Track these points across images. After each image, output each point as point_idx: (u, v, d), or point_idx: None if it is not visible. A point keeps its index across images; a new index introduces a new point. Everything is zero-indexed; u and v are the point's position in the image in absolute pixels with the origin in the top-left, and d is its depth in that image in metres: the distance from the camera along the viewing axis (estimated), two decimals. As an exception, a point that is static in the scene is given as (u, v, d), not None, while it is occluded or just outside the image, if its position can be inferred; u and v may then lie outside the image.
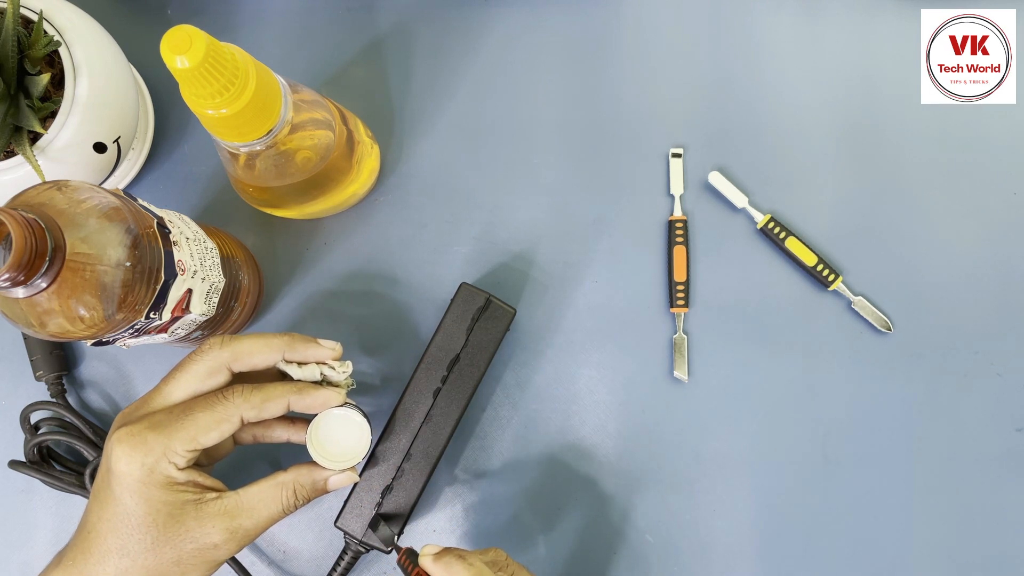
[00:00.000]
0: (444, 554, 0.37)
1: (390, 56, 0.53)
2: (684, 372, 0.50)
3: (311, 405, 0.39)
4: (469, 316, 0.45)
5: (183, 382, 0.37)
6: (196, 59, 0.32)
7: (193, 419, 0.36)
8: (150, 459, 0.35)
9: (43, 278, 0.33)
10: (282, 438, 0.43)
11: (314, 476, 0.39)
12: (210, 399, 0.37)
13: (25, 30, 0.40)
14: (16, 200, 0.35)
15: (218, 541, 0.36)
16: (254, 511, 0.37)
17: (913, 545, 0.49)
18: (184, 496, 0.36)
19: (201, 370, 0.37)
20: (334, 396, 0.39)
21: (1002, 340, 0.50)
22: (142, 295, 0.36)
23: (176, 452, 0.35)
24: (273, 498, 0.38)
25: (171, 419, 0.36)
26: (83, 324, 0.35)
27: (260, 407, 0.37)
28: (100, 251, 0.34)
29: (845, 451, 0.50)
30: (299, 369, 0.39)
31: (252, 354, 0.38)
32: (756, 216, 0.51)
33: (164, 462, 0.35)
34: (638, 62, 0.53)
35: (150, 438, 0.35)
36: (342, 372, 0.40)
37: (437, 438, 0.44)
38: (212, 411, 0.36)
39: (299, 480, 0.39)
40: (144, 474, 0.35)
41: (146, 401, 0.37)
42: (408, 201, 0.52)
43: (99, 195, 0.36)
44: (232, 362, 0.38)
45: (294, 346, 0.39)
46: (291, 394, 0.38)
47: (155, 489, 0.35)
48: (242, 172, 0.42)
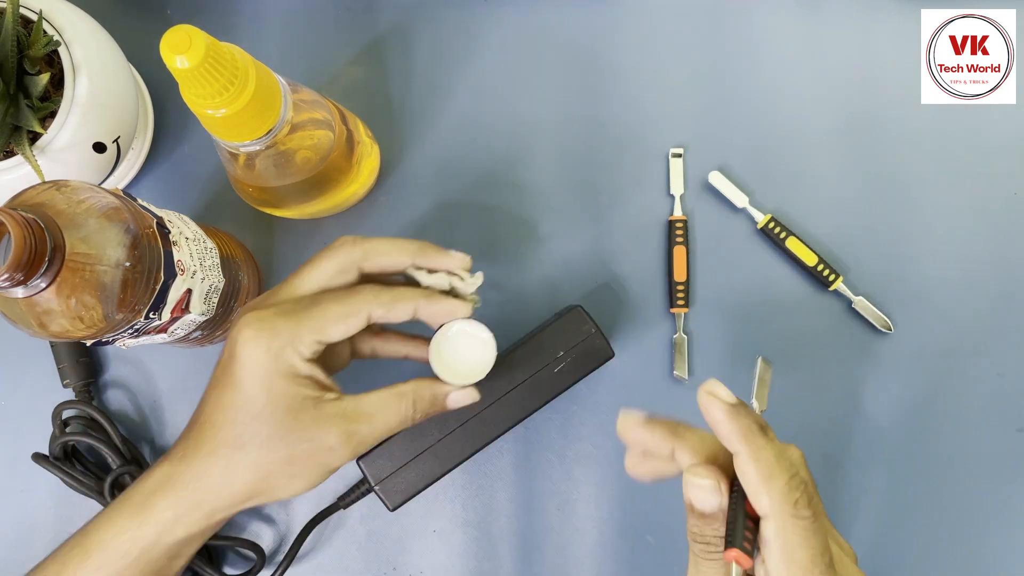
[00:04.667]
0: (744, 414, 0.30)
1: (390, 56, 0.53)
2: (684, 372, 0.50)
3: (438, 313, 0.37)
4: (568, 341, 0.43)
5: (313, 276, 0.37)
6: (196, 59, 0.32)
7: (322, 309, 0.35)
8: (276, 344, 0.34)
9: (42, 278, 0.33)
10: (400, 353, 0.42)
11: (434, 390, 0.38)
12: (339, 293, 0.36)
13: (25, 30, 0.40)
14: (16, 200, 0.35)
15: (333, 444, 0.35)
16: (373, 418, 0.36)
17: (913, 545, 0.49)
18: (304, 391, 0.35)
19: (332, 266, 0.37)
20: (461, 307, 0.38)
21: (1002, 340, 0.50)
22: (141, 295, 0.36)
23: (303, 340, 0.34)
24: (393, 408, 0.37)
25: (300, 308, 0.35)
26: (83, 324, 0.35)
27: (389, 306, 0.36)
28: (100, 251, 0.34)
29: (845, 451, 0.50)
30: (429, 276, 0.38)
31: (384, 254, 0.37)
32: (756, 216, 0.51)
33: (290, 349, 0.34)
34: (638, 62, 0.53)
35: (279, 323, 0.34)
36: (472, 284, 0.39)
37: (485, 432, 0.43)
38: (342, 303, 0.35)
39: (419, 392, 0.37)
40: (269, 359, 0.34)
41: (274, 292, 0.37)
42: (408, 201, 0.52)
43: (99, 195, 0.36)
44: (363, 261, 0.37)
45: (425, 252, 0.38)
46: (420, 298, 0.37)
47: (278, 378, 0.34)
48: (242, 172, 0.42)
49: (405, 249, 0.38)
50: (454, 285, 0.39)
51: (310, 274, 0.37)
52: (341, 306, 0.35)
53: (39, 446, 0.49)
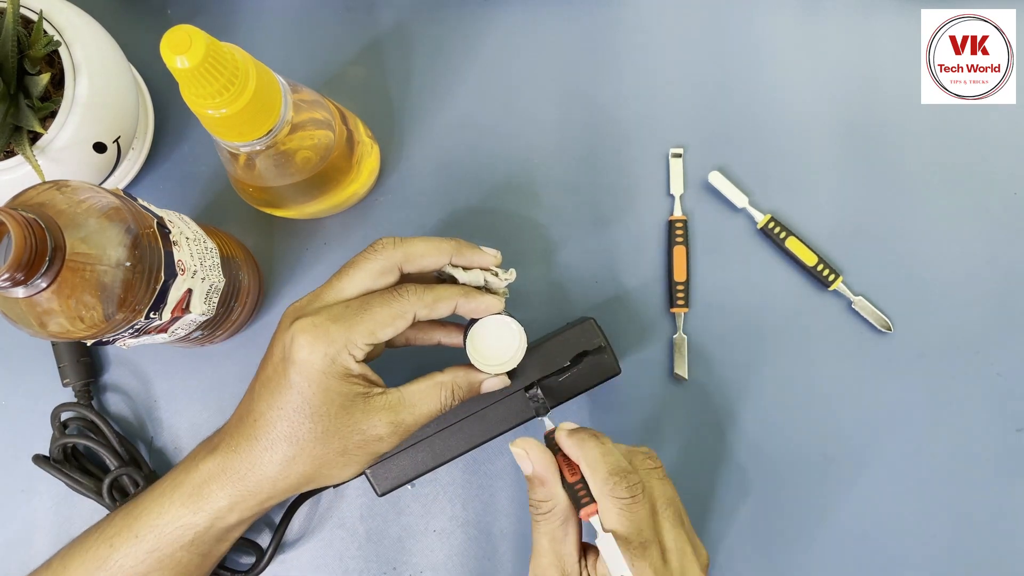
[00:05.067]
0: (580, 430, 0.38)
1: (390, 56, 0.53)
2: (684, 372, 0.50)
3: (475, 309, 0.40)
4: (577, 352, 0.44)
5: (356, 279, 0.38)
6: (196, 59, 0.32)
7: (372, 314, 0.37)
8: (332, 349, 0.36)
9: (43, 278, 0.33)
10: (434, 340, 0.44)
11: (470, 378, 0.41)
12: (386, 296, 0.38)
13: (25, 30, 0.40)
14: (16, 200, 0.35)
15: (383, 434, 0.38)
16: (415, 407, 0.39)
17: (913, 545, 0.49)
18: (356, 388, 0.37)
19: (375, 268, 0.39)
20: (496, 302, 0.40)
21: (1002, 340, 0.50)
22: (142, 295, 0.36)
23: (356, 344, 0.37)
24: (433, 396, 0.39)
25: (350, 313, 0.37)
26: (83, 324, 0.35)
27: (432, 306, 0.39)
28: (100, 251, 0.34)
29: (845, 451, 0.50)
30: (464, 273, 0.41)
31: (423, 256, 0.39)
32: (756, 216, 0.51)
33: (344, 353, 0.36)
34: (638, 62, 0.53)
35: (332, 329, 0.36)
36: (504, 279, 0.42)
37: (482, 431, 0.44)
38: (389, 307, 0.37)
39: (456, 381, 0.40)
40: (326, 364, 0.36)
41: (319, 295, 0.39)
42: (408, 201, 0.52)
43: (99, 195, 0.36)
44: (404, 263, 0.39)
45: (461, 251, 0.41)
46: (459, 296, 0.39)
47: (333, 379, 0.36)
48: (242, 172, 0.42)
49: (443, 249, 0.40)
50: (487, 280, 0.41)
51: (354, 277, 0.39)
52: (389, 309, 0.38)
53: (40, 445, 0.49)
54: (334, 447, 0.37)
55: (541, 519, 0.38)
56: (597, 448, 0.36)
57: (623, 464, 0.36)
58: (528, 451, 0.38)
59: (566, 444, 0.38)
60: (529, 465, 0.38)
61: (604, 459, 0.36)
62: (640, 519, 0.35)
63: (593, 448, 0.36)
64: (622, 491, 0.35)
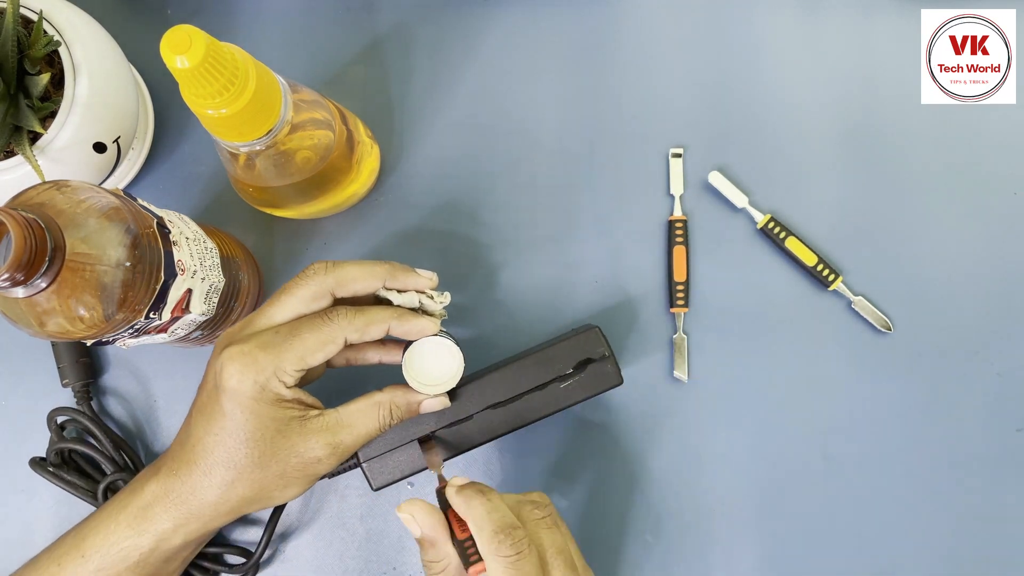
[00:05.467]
0: (467, 487, 0.37)
1: (390, 56, 0.53)
2: (684, 372, 0.50)
3: (409, 331, 0.40)
4: (580, 360, 0.44)
5: (288, 305, 0.38)
6: (196, 59, 0.32)
7: (301, 340, 0.37)
8: (262, 377, 0.36)
9: (43, 278, 0.33)
10: (374, 360, 0.44)
11: (409, 398, 0.41)
12: (315, 321, 0.38)
13: (25, 30, 0.40)
14: (16, 200, 0.35)
15: (321, 455, 0.38)
16: (353, 427, 0.39)
17: (913, 545, 0.49)
18: (291, 413, 0.37)
19: (306, 294, 0.38)
20: (431, 324, 0.40)
21: (1001, 340, 0.50)
22: (142, 295, 0.36)
23: (286, 371, 0.37)
24: (371, 416, 0.39)
25: (279, 339, 0.37)
26: (83, 324, 0.35)
27: (363, 330, 0.38)
28: (100, 251, 0.34)
29: (845, 451, 0.50)
30: (399, 296, 0.41)
31: (355, 281, 0.39)
32: (756, 216, 0.51)
33: (275, 380, 0.37)
34: (638, 62, 0.53)
35: (261, 357, 0.36)
36: (440, 302, 0.41)
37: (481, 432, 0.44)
38: (318, 332, 0.37)
39: (395, 401, 0.40)
40: (256, 391, 0.36)
41: (250, 322, 0.39)
42: (408, 201, 0.52)
43: (99, 195, 0.36)
44: (335, 288, 0.39)
45: (395, 275, 0.40)
46: (391, 319, 0.39)
47: (265, 406, 0.37)
48: (242, 172, 0.42)
49: (375, 273, 0.40)
50: (423, 302, 0.41)
51: (284, 304, 0.38)
52: (319, 335, 0.37)
53: (39, 446, 0.49)
54: (273, 471, 0.38)
55: None
56: (483, 506, 0.36)
57: (508, 520, 0.35)
58: (414, 515, 0.37)
59: (454, 501, 0.37)
60: (417, 529, 0.37)
61: (489, 517, 0.35)
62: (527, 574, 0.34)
63: (478, 506, 0.36)
64: (507, 549, 0.34)
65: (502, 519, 0.35)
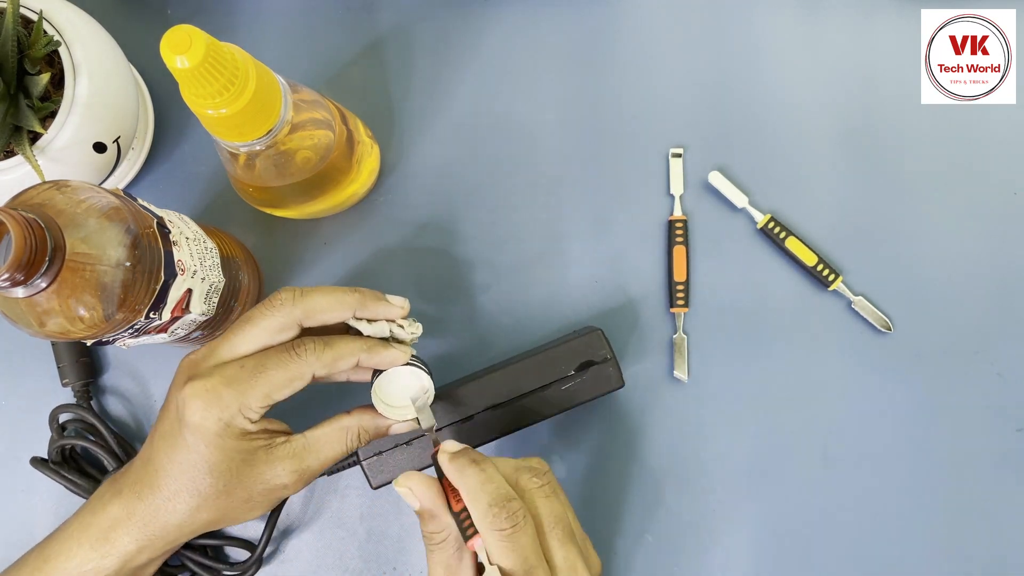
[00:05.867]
0: (460, 456, 0.36)
1: (390, 56, 0.53)
2: (684, 372, 0.50)
3: (379, 363, 0.39)
4: (582, 362, 0.44)
5: (252, 336, 0.37)
6: (196, 59, 0.32)
7: (267, 376, 0.36)
8: (226, 415, 0.36)
9: (43, 278, 0.33)
10: (342, 379, 0.43)
11: (377, 423, 0.41)
12: (282, 356, 0.37)
13: (25, 30, 0.40)
14: (16, 200, 0.35)
15: (287, 482, 0.38)
16: (320, 452, 0.39)
17: (913, 545, 0.49)
18: (256, 443, 0.37)
19: (272, 325, 0.37)
20: (401, 355, 0.39)
21: (1002, 340, 0.50)
22: (142, 295, 0.36)
23: (251, 408, 0.36)
24: (338, 440, 0.39)
25: (244, 375, 0.36)
26: (83, 324, 0.35)
27: (331, 365, 0.38)
28: (100, 251, 0.34)
29: (845, 451, 0.50)
30: (369, 326, 0.40)
31: (324, 311, 0.38)
32: (756, 216, 0.51)
33: (239, 417, 0.36)
34: (638, 62, 0.53)
35: (225, 394, 0.36)
36: (411, 332, 0.41)
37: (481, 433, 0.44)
38: (285, 368, 0.37)
39: (363, 424, 0.40)
40: (220, 428, 0.36)
41: (213, 350, 0.38)
42: (408, 201, 0.52)
43: (99, 195, 0.36)
44: (303, 319, 0.38)
45: (365, 304, 0.39)
46: (360, 352, 0.38)
47: (230, 440, 0.36)
48: (242, 172, 0.42)
49: (345, 303, 0.39)
50: (393, 332, 0.40)
51: (249, 334, 0.37)
52: (285, 371, 0.37)
53: (39, 445, 0.49)
54: (238, 496, 0.37)
55: (435, 549, 0.36)
56: (476, 476, 0.35)
57: (503, 492, 0.35)
58: (412, 488, 0.36)
59: (448, 470, 0.36)
60: (416, 502, 0.36)
61: (483, 488, 0.34)
62: (523, 546, 0.34)
63: (472, 476, 0.35)
64: (502, 522, 0.34)
65: (496, 491, 0.34)
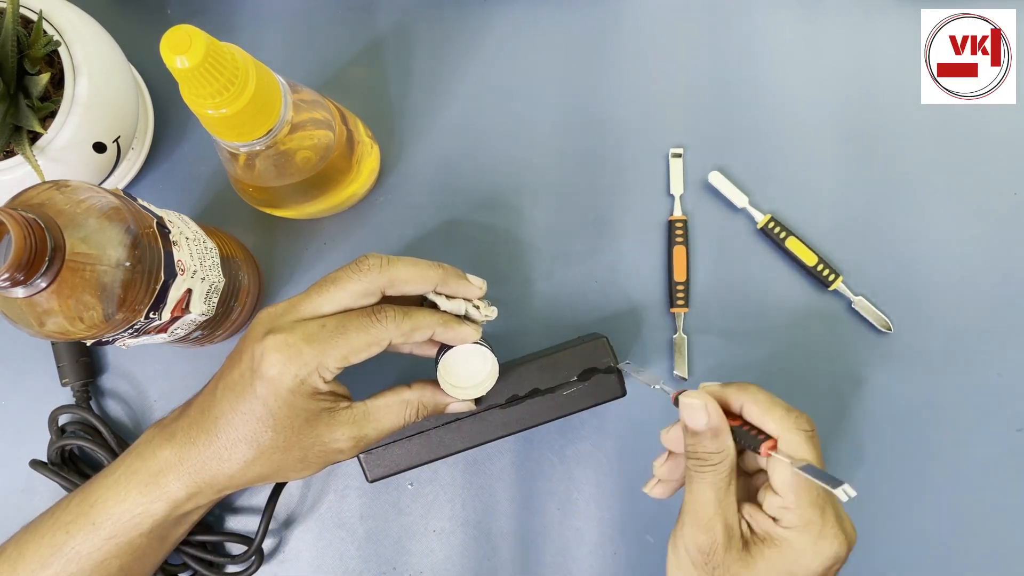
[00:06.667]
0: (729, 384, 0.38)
1: (390, 56, 0.53)
2: (684, 372, 0.50)
3: (453, 338, 0.40)
4: (585, 368, 0.44)
5: (336, 297, 0.38)
6: (196, 59, 0.32)
7: (347, 339, 0.37)
8: (303, 372, 0.36)
9: (43, 278, 0.33)
10: (406, 351, 0.44)
11: (437, 399, 0.41)
12: (363, 320, 0.37)
13: (25, 30, 0.40)
14: (16, 200, 0.35)
15: (344, 447, 0.39)
16: (379, 422, 0.39)
17: (913, 545, 0.49)
18: (322, 404, 0.37)
19: (357, 289, 0.38)
20: (473, 332, 0.40)
21: (1002, 340, 0.50)
22: (142, 295, 0.36)
23: (328, 367, 0.36)
24: (397, 412, 0.40)
25: (325, 334, 0.37)
26: (83, 324, 0.35)
27: (409, 334, 0.38)
28: (100, 251, 0.34)
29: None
30: (448, 302, 0.40)
31: (408, 282, 0.39)
32: (756, 216, 0.51)
33: (315, 376, 0.36)
34: (638, 62, 0.53)
35: (305, 351, 0.36)
36: (484, 315, 0.41)
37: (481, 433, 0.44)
38: (366, 333, 0.37)
39: (423, 399, 0.41)
40: (296, 384, 0.36)
41: (295, 306, 0.38)
42: (408, 201, 0.52)
43: (99, 195, 0.36)
44: (387, 287, 0.38)
45: (447, 280, 0.40)
46: (437, 326, 0.39)
47: (301, 397, 0.37)
48: (242, 172, 0.42)
49: (428, 277, 0.39)
50: (468, 312, 0.41)
51: (334, 295, 0.38)
52: (366, 335, 0.37)
53: (39, 445, 0.49)
54: (294, 455, 0.38)
55: (709, 471, 0.37)
56: (761, 391, 0.37)
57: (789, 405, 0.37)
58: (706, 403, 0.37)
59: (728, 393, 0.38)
60: (704, 417, 0.37)
61: (774, 400, 0.37)
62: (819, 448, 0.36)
63: (757, 391, 0.37)
64: (805, 423, 0.36)
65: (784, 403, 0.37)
